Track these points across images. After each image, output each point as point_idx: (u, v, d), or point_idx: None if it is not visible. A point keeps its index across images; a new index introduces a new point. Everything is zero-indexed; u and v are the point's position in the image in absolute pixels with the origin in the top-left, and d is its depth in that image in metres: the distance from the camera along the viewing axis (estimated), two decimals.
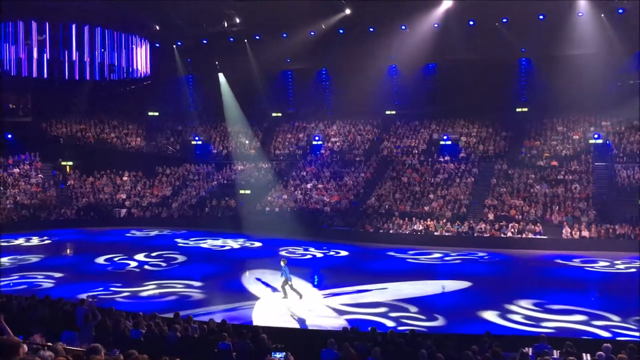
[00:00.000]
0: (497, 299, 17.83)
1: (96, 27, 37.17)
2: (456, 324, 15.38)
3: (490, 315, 16.13)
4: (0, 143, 37.97)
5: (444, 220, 29.46)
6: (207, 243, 29.29)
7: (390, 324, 15.18)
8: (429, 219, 29.76)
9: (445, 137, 36.10)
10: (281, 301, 17.66)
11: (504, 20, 33.29)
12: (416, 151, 36.57)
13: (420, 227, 29.33)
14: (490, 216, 29.47)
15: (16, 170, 37.55)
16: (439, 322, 15.74)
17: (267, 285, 19.81)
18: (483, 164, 34.12)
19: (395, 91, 40.11)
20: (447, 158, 35.11)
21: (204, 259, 25.70)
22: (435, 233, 28.83)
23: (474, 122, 37.58)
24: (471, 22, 33.86)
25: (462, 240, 27.95)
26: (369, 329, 12.32)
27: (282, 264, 18.19)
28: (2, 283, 19.88)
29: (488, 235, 28.03)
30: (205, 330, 11.80)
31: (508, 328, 14.96)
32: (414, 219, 29.92)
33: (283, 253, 25.89)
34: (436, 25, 33.84)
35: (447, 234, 28.67)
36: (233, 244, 28.88)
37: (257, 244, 28.15)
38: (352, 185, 34.89)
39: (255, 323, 15.04)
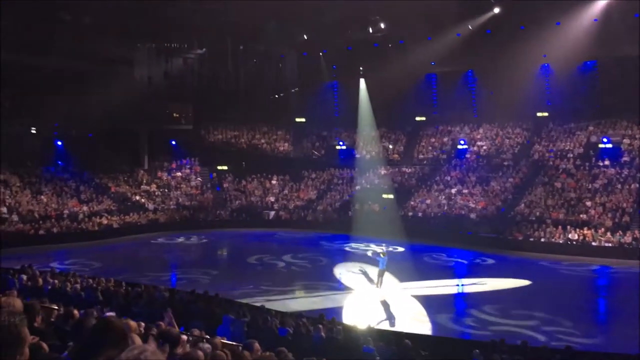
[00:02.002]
0: None
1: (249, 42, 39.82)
2: (617, 343, 14.10)
3: None
4: (166, 149, 41.79)
5: (603, 230, 27.18)
6: (350, 246, 29.71)
7: (542, 338, 14.32)
8: (585, 228, 27.63)
9: (605, 140, 33.27)
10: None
11: None
12: (571, 155, 34.10)
13: (576, 237, 27.33)
14: None
15: (178, 173, 40.97)
16: (597, 339, 14.54)
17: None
18: None
19: (548, 91, 37.78)
20: (606, 162, 32.29)
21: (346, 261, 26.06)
22: (593, 243, 26.67)
23: (639, 123, 34.25)
24: (636, 15, 31.06)
25: (625, 252, 25.48)
26: (520, 342, 11.73)
27: (382, 255, 18.41)
28: (165, 278, 21.82)
29: None
30: (349, 332, 11.98)
31: None
32: (568, 227, 27.92)
33: (425, 259, 25.61)
34: (596, 20, 31.57)
35: (607, 244, 26.39)
36: (375, 248, 28.95)
37: (400, 249, 27.95)
38: (500, 191, 33.43)
39: (398, 328, 14.99)
